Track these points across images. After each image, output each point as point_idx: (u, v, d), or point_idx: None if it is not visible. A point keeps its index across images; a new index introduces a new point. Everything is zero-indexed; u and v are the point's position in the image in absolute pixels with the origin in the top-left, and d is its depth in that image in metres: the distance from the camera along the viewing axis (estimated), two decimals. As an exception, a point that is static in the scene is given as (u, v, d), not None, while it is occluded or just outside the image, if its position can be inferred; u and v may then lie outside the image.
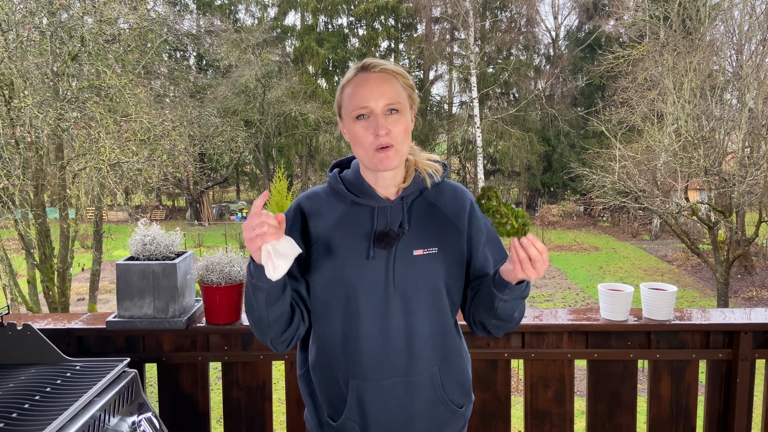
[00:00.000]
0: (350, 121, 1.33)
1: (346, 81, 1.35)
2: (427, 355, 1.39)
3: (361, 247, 1.37)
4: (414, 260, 1.37)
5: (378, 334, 1.36)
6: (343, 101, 1.36)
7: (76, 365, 1.69)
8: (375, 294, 1.35)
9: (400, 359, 1.37)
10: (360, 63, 1.35)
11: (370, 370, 1.37)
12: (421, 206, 1.42)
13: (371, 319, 1.36)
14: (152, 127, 9.65)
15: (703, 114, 13.02)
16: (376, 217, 1.38)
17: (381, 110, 1.30)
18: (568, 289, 15.44)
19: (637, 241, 22.69)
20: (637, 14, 19.40)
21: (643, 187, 13.27)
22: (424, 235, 1.39)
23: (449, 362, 1.43)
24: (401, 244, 1.37)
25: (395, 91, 1.32)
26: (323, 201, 1.43)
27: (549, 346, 2.14)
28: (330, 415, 1.43)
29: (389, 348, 1.36)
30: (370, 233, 1.37)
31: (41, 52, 8.80)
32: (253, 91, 23.88)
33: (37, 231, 9.37)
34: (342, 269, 1.36)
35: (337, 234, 1.38)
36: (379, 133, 1.29)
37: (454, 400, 1.44)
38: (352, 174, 1.44)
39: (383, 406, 1.38)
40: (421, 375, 1.38)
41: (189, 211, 27.63)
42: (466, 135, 27.82)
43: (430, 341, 1.39)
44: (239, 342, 2.12)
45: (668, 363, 2.15)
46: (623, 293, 2.08)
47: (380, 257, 1.36)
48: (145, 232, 2.01)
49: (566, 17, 30.93)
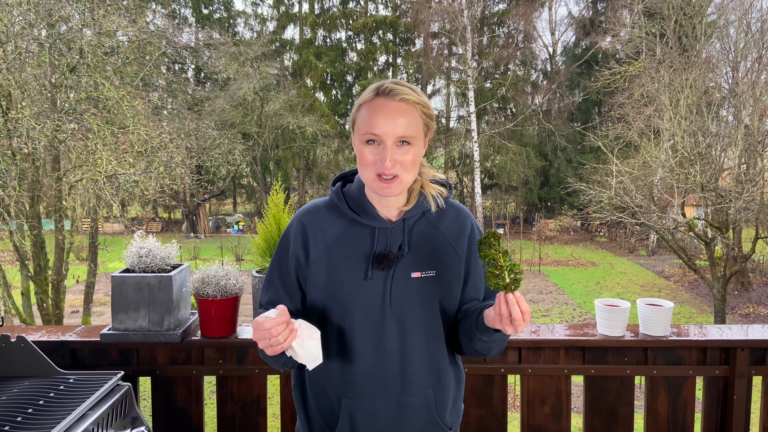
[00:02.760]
0: (359, 143, 1.32)
1: (364, 101, 1.32)
2: (422, 377, 1.38)
3: (359, 267, 1.36)
4: (411, 283, 1.36)
5: (372, 354, 1.35)
6: (357, 120, 1.34)
7: (69, 378, 1.67)
8: (371, 314, 1.35)
9: (393, 380, 1.36)
10: (381, 85, 1.31)
11: (363, 390, 1.36)
12: (422, 228, 1.41)
13: (366, 340, 1.35)
14: (149, 139, 9.65)
15: (699, 130, 13.09)
16: (376, 238, 1.38)
17: (392, 142, 1.28)
18: (565, 304, 15.41)
19: (634, 256, 22.70)
20: (633, 31, 19.58)
21: (639, 203, 13.30)
22: (423, 258, 1.38)
23: (443, 385, 1.43)
24: (400, 265, 1.36)
25: (411, 123, 1.29)
26: (324, 216, 1.42)
27: (546, 361, 2.13)
28: (322, 428, 1.43)
29: (383, 369, 1.36)
30: (370, 254, 1.36)
31: (39, 63, 8.82)
32: (251, 104, 23.95)
33: (32, 242, 9.32)
34: (339, 288, 1.36)
35: (336, 252, 1.38)
36: (385, 165, 1.27)
37: (446, 422, 1.44)
38: (356, 190, 1.42)
39: (375, 426, 1.37)
40: (415, 397, 1.38)
41: (185, 223, 27.57)
42: (463, 149, 27.90)
43: (425, 364, 1.39)
44: (234, 356, 2.10)
45: (665, 379, 2.14)
46: (620, 309, 2.08)
47: (378, 278, 1.35)
48: (141, 244, 2.00)
49: (563, 33, 31.20)
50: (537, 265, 20.19)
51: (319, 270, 1.38)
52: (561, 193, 23.96)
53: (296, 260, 1.40)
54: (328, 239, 1.39)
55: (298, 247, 1.40)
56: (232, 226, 28.29)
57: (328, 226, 1.40)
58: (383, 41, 29.21)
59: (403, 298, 1.35)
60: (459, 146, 27.58)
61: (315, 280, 1.38)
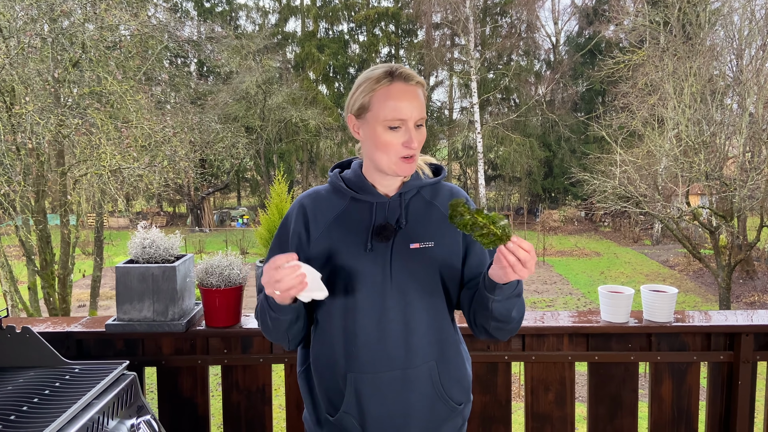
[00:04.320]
0: (380, 128, 1.34)
1: (380, 86, 1.34)
2: (425, 349, 1.39)
3: (359, 240, 1.39)
4: (411, 253, 1.39)
5: (375, 326, 1.37)
6: (373, 105, 1.35)
7: (75, 368, 1.68)
8: (373, 286, 1.37)
9: (397, 352, 1.37)
10: (394, 69, 1.35)
11: (368, 363, 1.37)
12: (418, 203, 1.45)
13: (369, 312, 1.37)
14: (153, 133, 9.67)
15: (703, 119, 13.02)
16: (374, 211, 1.41)
17: (413, 123, 1.35)
18: (570, 294, 15.41)
19: (639, 246, 22.66)
20: (637, 19, 19.44)
21: (644, 192, 13.26)
22: (421, 230, 1.41)
23: (447, 358, 1.44)
24: (399, 237, 1.39)
25: (423, 105, 1.38)
26: (324, 198, 1.46)
27: (549, 348, 2.13)
28: (328, 411, 1.44)
29: (386, 341, 1.37)
30: (369, 227, 1.40)
31: (42, 58, 8.82)
32: (254, 98, 23.92)
33: (37, 237, 9.36)
34: (341, 261, 1.39)
35: (336, 228, 1.41)
36: (413, 146, 1.34)
37: (452, 397, 1.44)
38: (352, 173, 1.47)
39: (381, 400, 1.38)
40: (419, 369, 1.39)
41: (190, 217, 27.64)
42: (466, 140, 27.86)
43: (427, 335, 1.40)
44: (239, 345, 2.11)
45: (669, 365, 2.14)
46: (623, 295, 2.08)
47: (378, 250, 1.38)
48: (145, 235, 2.01)
49: (566, 23, 31.09)
50: (541, 256, 20.18)
51: (320, 246, 1.40)
52: (565, 183, 23.92)
53: (298, 239, 1.43)
54: (329, 218, 1.42)
55: (300, 225, 1.43)
56: (236, 220, 28.34)
57: (329, 207, 1.44)
58: (385, 33, 29.11)
59: (404, 268, 1.37)
60: (462, 137, 27.55)
61: (316, 256, 1.40)
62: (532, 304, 14.48)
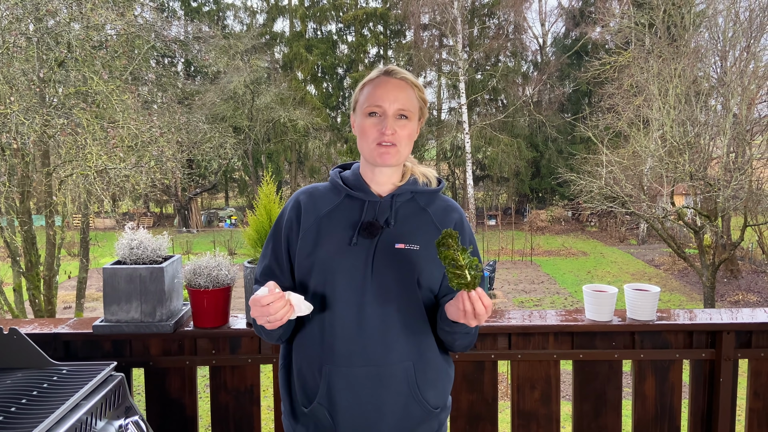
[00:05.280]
0: (362, 116, 1.43)
1: (368, 80, 1.45)
2: (402, 348, 1.41)
3: (345, 234, 1.42)
4: (395, 253, 1.41)
5: (353, 320, 1.39)
6: (360, 97, 1.46)
7: (62, 369, 1.68)
8: (353, 280, 1.39)
9: (373, 348, 1.39)
10: (385, 67, 1.46)
11: (343, 357, 1.39)
12: (410, 207, 1.48)
13: (347, 306, 1.39)
14: (140, 133, 9.60)
15: (688, 120, 13.14)
16: (365, 209, 1.45)
17: (392, 113, 1.40)
18: (557, 293, 15.51)
19: (625, 245, 22.84)
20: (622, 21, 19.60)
21: (629, 192, 13.36)
22: (408, 232, 1.44)
23: (426, 360, 1.45)
24: (385, 236, 1.42)
25: (409, 100, 1.43)
26: (320, 194, 1.50)
27: (535, 347, 2.16)
28: (303, 402, 1.46)
29: (363, 336, 1.38)
30: (357, 223, 1.43)
31: (27, 58, 8.74)
32: (242, 98, 23.84)
33: (23, 238, 9.28)
34: (324, 253, 1.41)
35: (325, 222, 1.45)
36: (386, 131, 1.39)
37: (428, 400, 1.45)
38: (350, 172, 1.52)
39: (354, 395, 1.40)
40: (395, 367, 1.40)
41: (177, 218, 27.47)
42: (455, 141, 27.92)
43: (405, 334, 1.41)
44: (227, 346, 2.12)
45: (652, 363, 2.17)
46: (607, 294, 2.11)
47: (362, 245, 1.41)
48: (132, 236, 2.01)
49: (553, 24, 31.23)
50: (529, 256, 20.29)
51: (307, 239, 1.44)
52: (552, 183, 24.05)
53: (288, 231, 1.47)
54: (320, 212, 1.46)
55: (292, 219, 1.47)
56: (224, 220, 28.21)
57: (323, 202, 1.48)
58: (374, 33, 29.11)
59: (386, 266, 1.40)
60: (450, 138, 27.60)
61: (303, 248, 1.44)
62: (520, 303, 14.56)
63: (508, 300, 14.82)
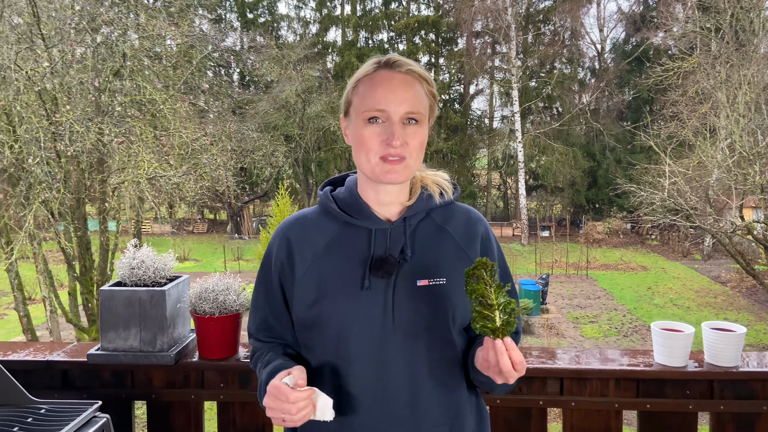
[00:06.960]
0: (359, 122, 1.11)
1: (363, 75, 1.12)
2: (434, 410, 1.13)
3: (354, 275, 1.13)
4: (418, 292, 1.12)
5: (374, 381, 1.11)
6: (354, 98, 1.13)
7: (41, 408, 1.48)
8: (370, 332, 1.11)
9: (401, 414, 1.11)
10: (381, 57, 1.12)
11: (364, 427, 1.11)
12: (427, 229, 1.18)
13: (366, 363, 1.11)
14: (191, 141, 9.70)
15: (758, 128, 12.42)
16: (373, 240, 1.15)
17: (399, 118, 1.09)
18: (615, 310, 14.79)
19: (688, 260, 21.74)
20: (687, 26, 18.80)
21: (694, 205, 12.68)
22: (431, 263, 1.14)
23: (463, 421, 1.16)
24: (403, 272, 1.13)
25: (418, 99, 1.11)
26: (312, 224, 1.20)
27: (592, 393, 1.83)
28: None
29: (388, 400, 1.11)
30: (366, 259, 1.13)
31: (84, 67, 8.93)
32: (294, 106, 24.06)
33: (77, 243, 9.47)
34: (332, 303, 1.13)
35: (326, 261, 1.15)
36: (393, 143, 1.07)
37: None
38: (345, 191, 1.21)
39: None
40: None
41: (230, 224, 27.92)
42: (507, 150, 27.36)
43: (438, 392, 1.13)
44: (236, 379, 1.88)
45: (734, 416, 1.82)
46: (682, 334, 1.76)
47: (377, 288, 1.12)
48: (134, 254, 1.81)
49: (612, 29, 30.22)
50: (584, 269, 19.53)
51: (306, 285, 1.15)
52: (610, 194, 23.24)
53: (280, 277, 1.19)
54: (317, 248, 1.17)
55: (283, 262, 1.19)
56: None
57: (317, 233, 1.18)
58: (425, 41, 28.94)
59: (409, 310, 1.12)
60: (503, 147, 27.07)
61: (303, 297, 1.15)
62: (575, 319, 13.93)
63: (561, 315, 14.22)
